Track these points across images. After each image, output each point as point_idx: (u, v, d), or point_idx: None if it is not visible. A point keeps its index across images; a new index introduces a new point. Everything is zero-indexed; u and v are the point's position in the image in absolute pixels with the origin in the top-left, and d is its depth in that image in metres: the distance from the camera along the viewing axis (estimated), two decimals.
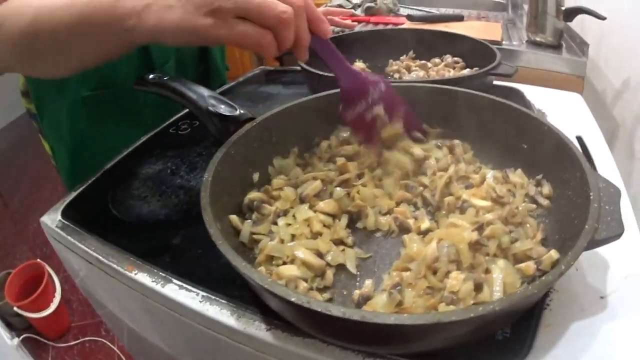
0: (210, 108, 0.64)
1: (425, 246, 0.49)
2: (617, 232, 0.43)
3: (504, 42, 1.26)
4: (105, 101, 0.86)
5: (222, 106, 0.64)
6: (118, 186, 0.71)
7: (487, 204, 0.55)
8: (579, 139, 0.75)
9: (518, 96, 0.91)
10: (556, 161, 0.54)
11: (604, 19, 1.07)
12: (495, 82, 0.93)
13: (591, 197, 0.44)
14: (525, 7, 1.74)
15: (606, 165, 0.71)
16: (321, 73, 0.81)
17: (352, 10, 1.63)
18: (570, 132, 0.77)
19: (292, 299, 0.37)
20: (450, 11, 1.69)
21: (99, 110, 0.87)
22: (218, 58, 1.08)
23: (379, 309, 0.44)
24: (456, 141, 0.66)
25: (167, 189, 0.69)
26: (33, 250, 2.29)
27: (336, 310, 0.35)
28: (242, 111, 0.64)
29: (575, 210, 0.47)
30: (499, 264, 0.47)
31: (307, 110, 0.67)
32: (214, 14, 0.49)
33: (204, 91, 0.68)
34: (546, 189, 0.56)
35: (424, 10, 1.67)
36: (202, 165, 0.75)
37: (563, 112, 0.87)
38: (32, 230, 2.44)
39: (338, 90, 0.63)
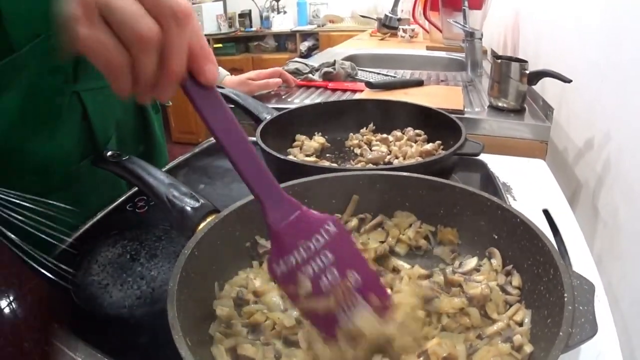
0: (171, 197, 0.66)
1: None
2: (590, 335, 0.43)
3: (465, 109, 1.31)
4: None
5: (184, 198, 0.66)
6: (78, 268, 0.71)
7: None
8: (546, 212, 0.81)
9: (481, 168, 0.98)
10: (529, 254, 0.56)
11: (569, 81, 1.10)
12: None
13: (565, 299, 0.45)
14: (485, 64, 1.86)
15: (573, 236, 0.76)
16: (280, 157, 0.82)
17: (310, 75, 1.70)
18: (536, 205, 0.83)
19: None
20: (408, 74, 1.80)
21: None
22: (159, 136, 1.09)
23: None
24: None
25: (128, 278, 0.70)
26: None
27: None
28: (203, 201, 0.66)
29: (548, 308, 0.49)
30: None
31: None
32: (80, 3, 0.39)
33: (164, 177, 0.70)
34: (516, 280, 0.57)
35: (382, 74, 1.77)
36: (162, 252, 0.76)
37: (528, 182, 0.93)
38: None
39: (300, 181, 0.63)
